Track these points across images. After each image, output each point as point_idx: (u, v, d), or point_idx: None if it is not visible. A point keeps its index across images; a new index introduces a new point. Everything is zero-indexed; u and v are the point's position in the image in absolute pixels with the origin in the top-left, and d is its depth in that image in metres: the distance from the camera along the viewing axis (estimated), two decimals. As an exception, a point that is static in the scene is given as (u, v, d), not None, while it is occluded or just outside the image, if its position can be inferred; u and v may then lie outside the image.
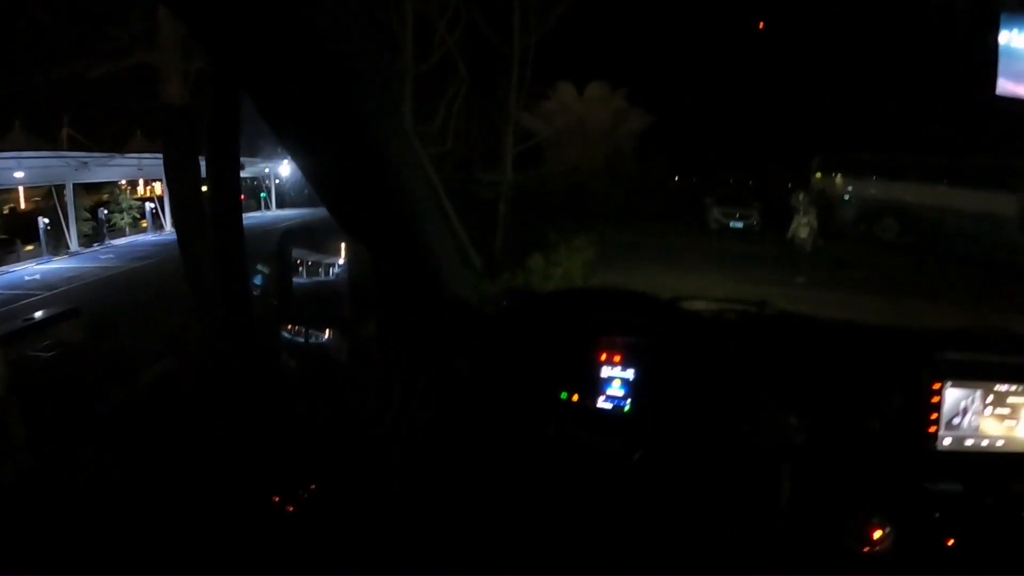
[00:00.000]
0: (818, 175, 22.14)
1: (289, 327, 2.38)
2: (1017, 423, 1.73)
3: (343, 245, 2.31)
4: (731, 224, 19.48)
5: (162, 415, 3.27)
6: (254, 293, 2.35)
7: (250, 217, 20.77)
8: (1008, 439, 1.72)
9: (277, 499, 1.66)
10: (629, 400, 1.80)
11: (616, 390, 1.81)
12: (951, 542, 1.56)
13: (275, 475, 1.69)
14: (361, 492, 1.64)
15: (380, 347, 1.90)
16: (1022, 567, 1.56)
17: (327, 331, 2.37)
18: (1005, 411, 1.72)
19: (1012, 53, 1.60)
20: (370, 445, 1.71)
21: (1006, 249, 14.83)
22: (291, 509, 1.66)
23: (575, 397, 1.81)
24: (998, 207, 15.78)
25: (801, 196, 15.61)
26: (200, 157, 6.22)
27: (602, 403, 1.81)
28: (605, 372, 1.81)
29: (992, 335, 2.07)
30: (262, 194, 24.40)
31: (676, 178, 26.44)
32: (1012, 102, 1.61)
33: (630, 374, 1.81)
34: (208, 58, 1.19)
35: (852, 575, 1.56)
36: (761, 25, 21.04)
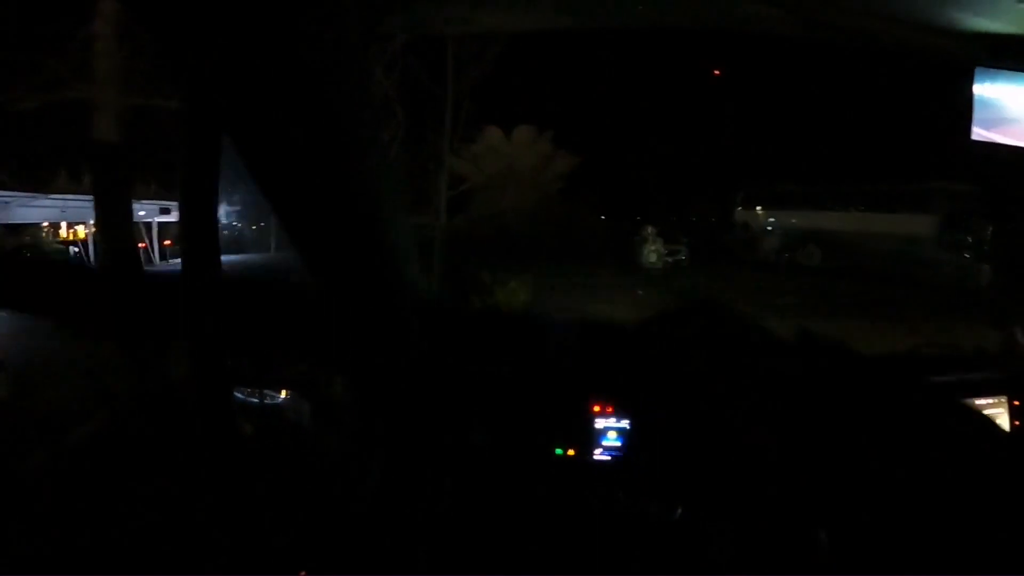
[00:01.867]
0: (740, 208, 22.83)
1: (241, 386, 2.23)
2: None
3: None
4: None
5: (94, 481, 3.04)
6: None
7: (178, 263, 19.85)
8: None
9: None
10: (626, 450, 1.75)
11: (612, 441, 1.76)
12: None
13: (253, 563, 1.54)
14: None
15: (351, 412, 1.78)
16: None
17: (283, 391, 2.24)
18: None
19: (984, 102, 1.68)
20: (355, 521, 1.57)
21: (926, 267, 15.58)
22: None
23: (570, 452, 1.75)
24: (914, 228, 16.60)
25: (648, 228, 18.26)
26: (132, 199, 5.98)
27: (599, 456, 1.76)
28: (599, 423, 1.76)
29: (961, 356, 2.29)
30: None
31: (603, 217, 26.72)
32: (985, 145, 1.69)
33: (625, 424, 1.76)
34: (190, 96, 1.07)
35: None
36: (717, 72, 21.66)
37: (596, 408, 1.77)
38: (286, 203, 1.21)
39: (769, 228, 21.85)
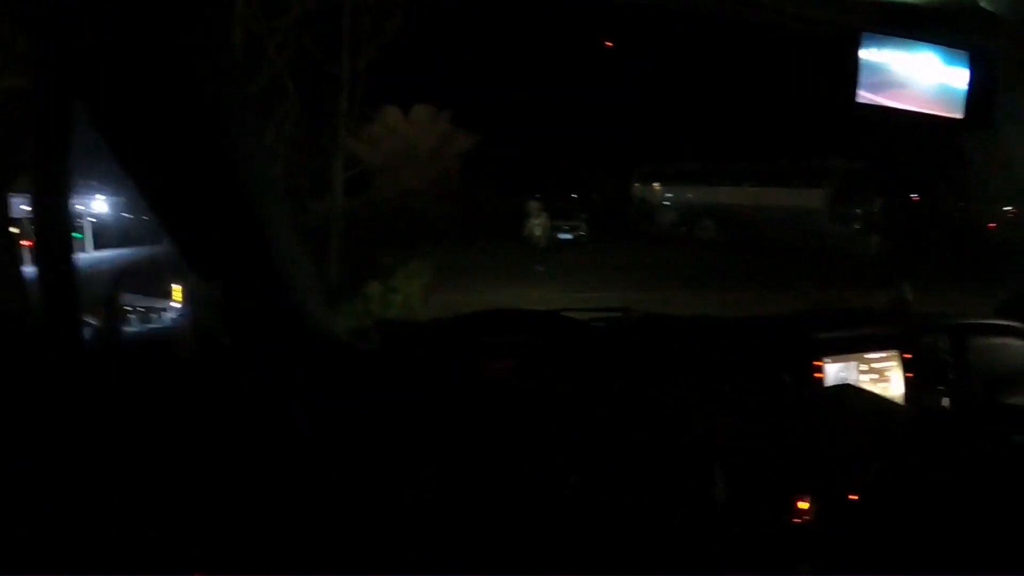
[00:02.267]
0: (637, 184, 23.29)
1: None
2: (889, 384, 2.05)
3: (176, 288, 2.09)
4: (560, 236, 19.95)
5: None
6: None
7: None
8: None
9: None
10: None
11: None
12: (855, 497, 1.63)
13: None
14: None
15: (241, 398, 1.69)
16: (921, 505, 1.66)
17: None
18: (876, 376, 2.04)
19: (870, 67, 1.73)
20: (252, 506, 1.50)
21: (816, 238, 16.32)
22: None
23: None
24: (807, 202, 17.36)
25: (532, 203, 18.51)
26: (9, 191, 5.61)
27: None
28: None
29: (853, 312, 2.44)
30: (76, 235, 22.46)
31: (505, 196, 26.78)
32: (869, 108, 1.74)
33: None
34: (38, 75, 0.99)
35: (792, 549, 1.59)
36: (609, 44, 21.77)
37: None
38: (149, 185, 1.15)
39: (666, 203, 22.40)
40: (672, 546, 1.50)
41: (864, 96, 1.79)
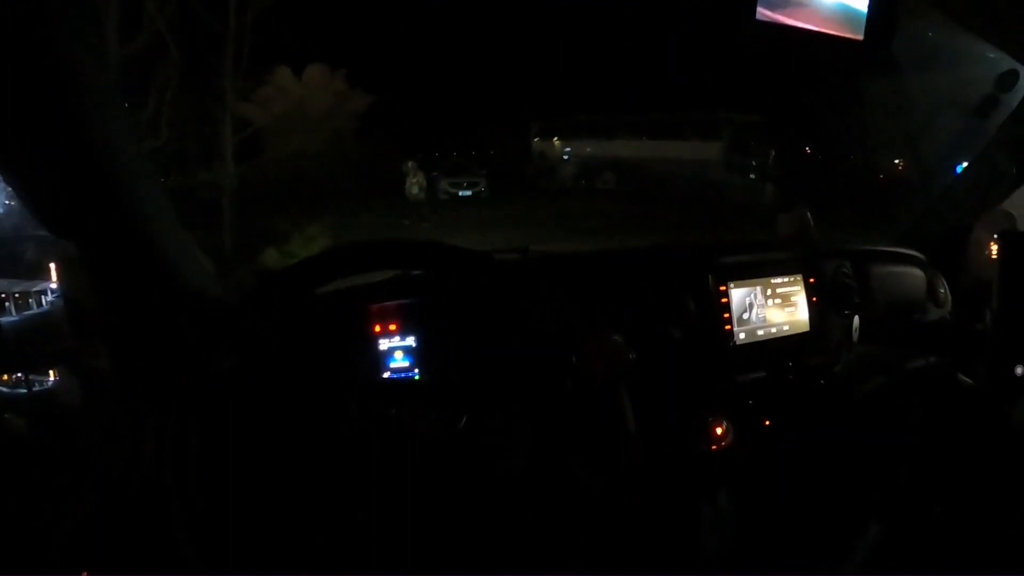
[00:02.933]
0: (536, 139, 23.36)
1: (4, 378, 2.04)
2: (795, 309, 2.06)
3: (53, 266, 2.01)
4: (460, 193, 19.94)
5: None
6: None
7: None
8: (791, 323, 2.05)
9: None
10: (417, 370, 1.69)
11: (400, 361, 1.69)
12: (768, 423, 1.76)
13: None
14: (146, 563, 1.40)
15: (116, 375, 1.63)
16: (832, 425, 1.75)
17: (51, 373, 2.07)
18: (783, 300, 2.04)
19: None
20: (133, 501, 1.46)
21: (714, 188, 16.82)
22: None
23: (354, 376, 1.65)
24: (704, 153, 17.89)
25: (408, 164, 18.33)
26: None
27: (388, 378, 1.67)
28: (383, 344, 1.68)
29: (755, 241, 2.54)
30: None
31: (402, 156, 26.36)
32: (768, 26, 1.75)
33: (411, 341, 1.69)
34: None
35: (710, 475, 1.66)
36: None
37: (377, 328, 1.69)
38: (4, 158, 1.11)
39: (566, 158, 22.55)
40: (582, 480, 1.46)
41: (764, 14, 1.76)
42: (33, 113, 1.09)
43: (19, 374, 2.01)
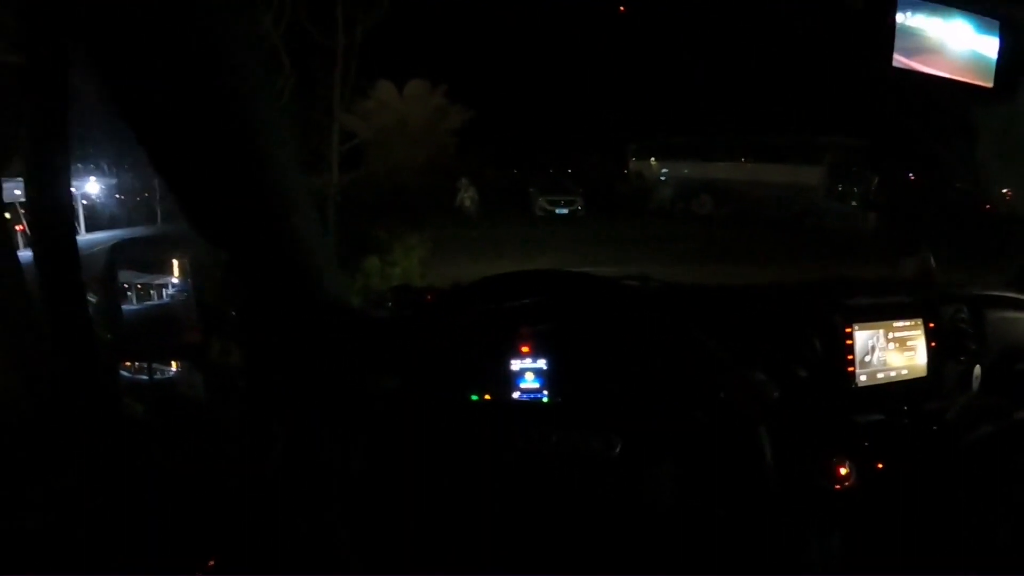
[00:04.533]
0: (634, 159, 23.25)
1: (128, 364, 2.05)
2: (914, 353, 2.04)
3: (175, 262, 2.03)
4: (556, 211, 19.99)
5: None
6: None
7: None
8: (910, 368, 2.03)
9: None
10: (546, 392, 1.70)
11: (530, 383, 1.70)
12: (881, 465, 1.70)
13: (154, 558, 1.41)
14: (278, 550, 1.39)
15: (248, 376, 1.64)
16: (942, 473, 1.75)
17: (173, 364, 2.07)
18: (903, 344, 2.05)
19: (906, 31, 1.75)
20: (262, 496, 1.45)
21: (814, 215, 16.32)
22: None
23: (487, 396, 1.69)
24: (804, 178, 17.37)
25: (462, 179, 19.64)
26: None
27: (517, 399, 1.70)
28: (515, 365, 1.70)
29: (876, 281, 2.48)
30: (67, 217, 21.93)
31: (500, 171, 26.67)
32: (906, 73, 1.74)
33: (542, 364, 1.70)
34: (31, 49, 0.94)
35: (832, 515, 1.62)
36: (622, 8, 21.57)
37: (510, 351, 1.72)
38: (166, 157, 1.10)
39: (662, 178, 22.35)
40: (718, 512, 1.49)
41: (900, 61, 1.81)
42: (198, 128, 1.08)
43: (142, 362, 2.03)
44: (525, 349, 1.71)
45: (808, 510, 1.58)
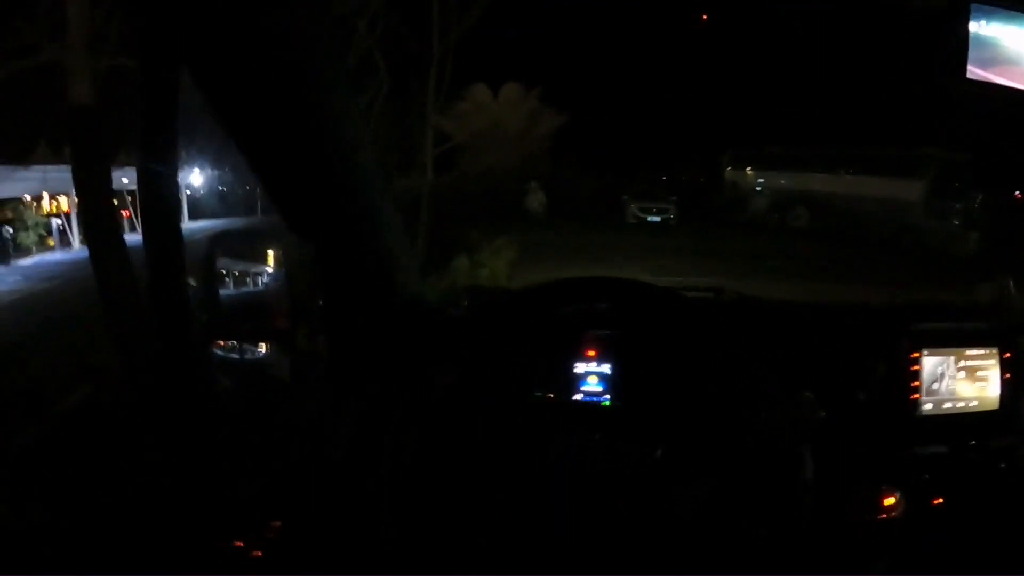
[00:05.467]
0: (729, 168, 22.82)
1: (221, 343, 2.17)
2: (986, 384, 1.89)
3: (271, 252, 2.13)
4: (648, 219, 19.82)
5: (82, 451, 2.98)
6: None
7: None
8: (980, 399, 1.87)
9: (240, 543, 1.46)
10: (608, 396, 1.70)
11: (593, 386, 1.71)
12: (940, 500, 1.64)
13: (228, 516, 1.49)
14: (334, 524, 1.45)
15: (329, 361, 1.71)
16: (1006, 514, 1.67)
17: (263, 346, 2.17)
18: (975, 374, 1.88)
19: (980, 41, 1.73)
20: (328, 471, 1.51)
21: (912, 232, 15.65)
22: (258, 554, 1.47)
23: (550, 395, 1.70)
24: (903, 193, 16.64)
25: (532, 183, 19.79)
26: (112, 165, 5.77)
27: (579, 400, 1.71)
28: (579, 368, 1.71)
29: (951, 306, 2.25)
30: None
31: (593, 176, 26.62)
32: (980, 84, 1.69)
33: (606, 368, 1.71)
34: (143, 49, 1.03)
35: (873, 545, 1.55)
36: (704, 17, 21.42)
37: (575, 353, 1.72)
38: (258, 156, 1.17)
39: (758, 189, 21.87)
40: (752, 533, 1.44)
41: (973, 72, 1.73)
42: (286, 135, 1.14)
43: (234, 342, 2.14)
44: (591, 353, 1.72)
45: (845, 538, 1.53)
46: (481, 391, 1.59)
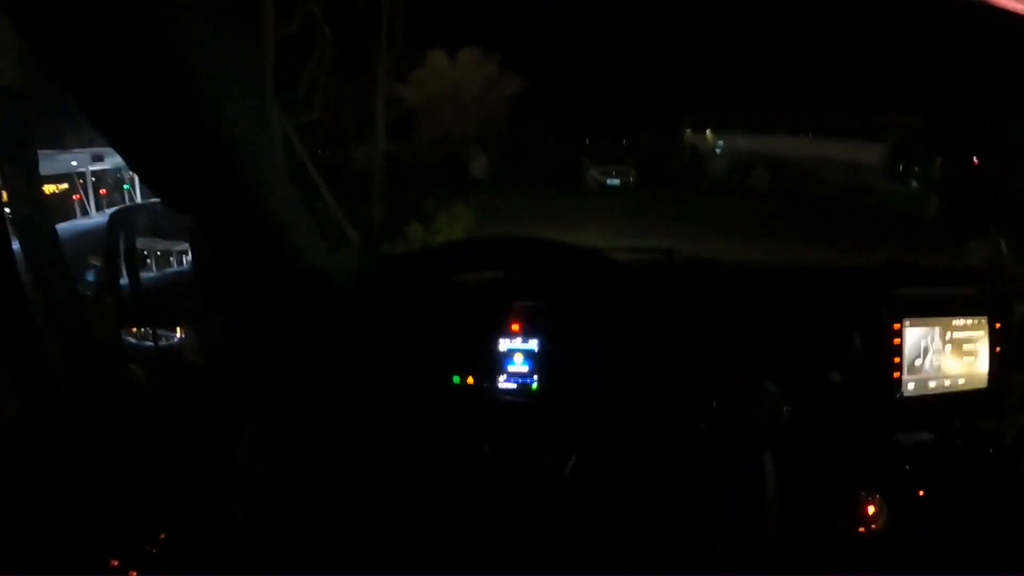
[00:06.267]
0: (688, 131, 22.85)
1: (133, 329, 2.05)
2: (976, 359, 1.70)
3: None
4: (608, 182, 19.80)
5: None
6: (87, 292, 2.00)
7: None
8: (969, 376, 1.69)
9: (116, 563, 1.35)
10: (536, 377, 1.55)
11: (519, 366, 1.55)
12: (922, 493, 1.46)
13: (114, 529, 1.39)
14: (222, 535, 1.33)
15: (232, 343, 1.59)
16: (995, 506, 1.47)
17: (178, 330, 2.07)
18: (964, 347, 1.70)
19: None
20: (220, 477, 1.39)
21: (873, 195, 15.88)
22: (133, 574, 1.35)
23: (470, 380, 1.54)
24: (864, 156, 16.86)
25: (474, 149, 19.93)
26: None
27: (504, 383, 1.55)
28: (503, 345, 1.55)
29: (935, 269, 2.05)
30: (125, 186, 22.50)
31: (552, 142, 26.46)
32: (935, 79, 1.57)
33: (534, 345, 1.55)
34: None
35: (854, 563, 1.38)
36: None
37: (498, 327, 1.57)
38: (105, 118, 1.05)
39: (717, 152, 21.91)
40: (707, 546, 1.28)
41: None
42: (147, 91, 1.01)
43: (148, 328, 2.03)
44: (516, 327, 1.56)
45: (820, 556, 1.35)
46: (381, 374, 1.43)
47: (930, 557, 1.40)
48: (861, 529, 1.35)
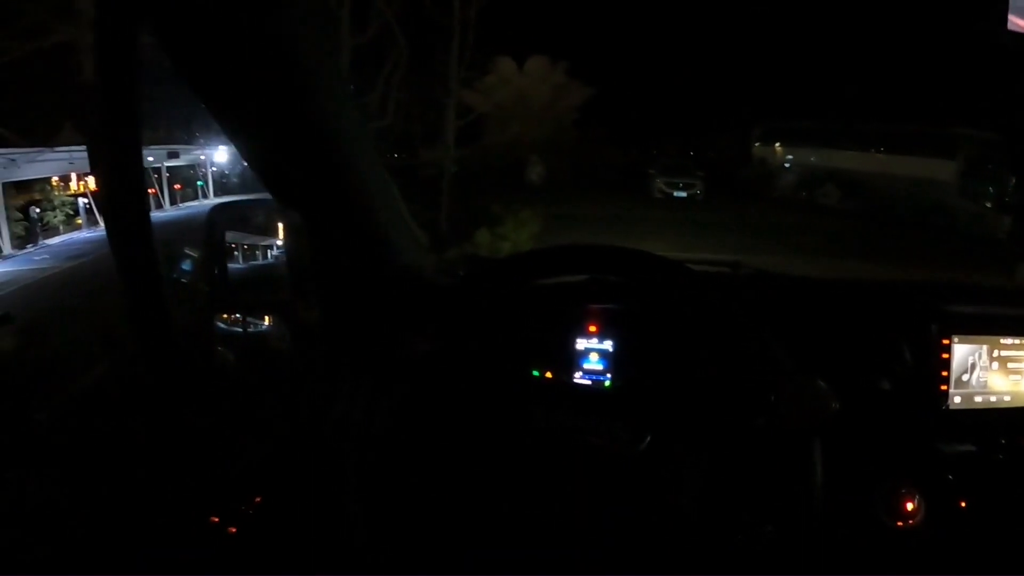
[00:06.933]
0: (757, 144, 22.55)
1: (225, 316, 2.15)
2: (1021, 378, 1.70)
3: (280, 226, 2.10)
4: (675, 194, 19.66)
5: (98, 424, 3.00)
6: (182, 281, 2.10)
7: (189, 206, 20.04)
8: (1014, 394, 1.69)
9: (216, 519, 1.44)
10: (610, 375, 1.60)
11: (594, 364, 1.61)
12: (964, 504, 1.45)
13: (211, 490, 1.47)
14: (315, 501, 1.40)
15: (322, 331, 1.67)
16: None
17: (266, 318, 2.16)
18: (1011, 366, 1.70)
19: None
20: (320, 445, 1.46)
21: (943, 213, 15.36)
22: (232, 530, 1.44)
23: (548, 374, 1.61)
24: (935, 173, 16.31)
25: (533, 157, 19.65)
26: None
27: (580, 379, 1.60)
28: (580, 344, 1.61)
29: (988, 289, 2.04)
30: (199, 182, 23.36)
31: (619, 151, 26.37)
32: (1019, 37, 1.56)
33: (608, 345, 1.61)
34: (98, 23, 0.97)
35: (893, 555, 1.41)
36: None
37: (576, 327, 1.63)
38: (233, 124, 1.13)
39: (787, 165, 21.59)
40: (757, 528, 1.30)
41: (1016, 23, 1.61)
42: (260, 90, 1.08)
43: (237, 315, 2.12)
44: (593, 328, 1.62)
45: (859, 544, 1.39)
46: (470, 363, 1.52)
47: (963, 561, 1.43)
48: (899, 523, 1.39)
